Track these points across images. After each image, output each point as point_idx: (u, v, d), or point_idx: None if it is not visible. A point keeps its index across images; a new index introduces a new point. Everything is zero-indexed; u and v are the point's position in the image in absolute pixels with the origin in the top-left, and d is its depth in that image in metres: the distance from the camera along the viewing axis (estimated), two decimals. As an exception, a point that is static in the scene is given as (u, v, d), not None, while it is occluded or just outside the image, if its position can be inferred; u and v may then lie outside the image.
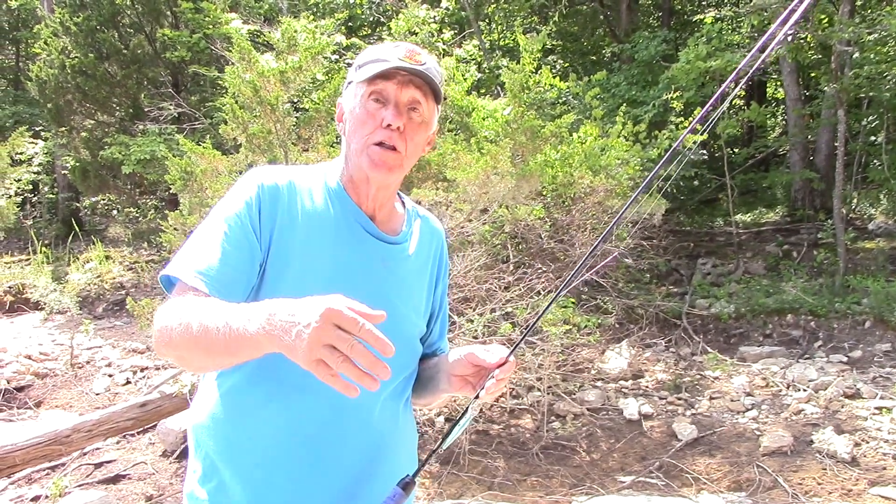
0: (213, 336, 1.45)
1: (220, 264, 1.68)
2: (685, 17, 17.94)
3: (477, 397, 1.81)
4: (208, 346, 1.48)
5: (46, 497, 5.55)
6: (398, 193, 2.05)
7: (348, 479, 1.81)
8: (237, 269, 1.70)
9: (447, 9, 15.32)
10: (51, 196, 20.39)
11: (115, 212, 19.58)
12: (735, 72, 1.86)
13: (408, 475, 1.66)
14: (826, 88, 11.94)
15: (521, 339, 2.02)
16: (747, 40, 12.46)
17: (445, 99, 8.13)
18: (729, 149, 14.20)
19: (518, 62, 7.98)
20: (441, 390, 2.00)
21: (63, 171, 17.65)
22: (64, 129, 15.13)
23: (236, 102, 7.15)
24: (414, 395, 2.06)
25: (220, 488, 1.79)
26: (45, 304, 11.71)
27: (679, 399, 7.48)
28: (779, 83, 17.84)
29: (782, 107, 17.23)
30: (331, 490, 1.79)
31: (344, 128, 1.89)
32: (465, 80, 8.78)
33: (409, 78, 1.78)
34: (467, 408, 1.80)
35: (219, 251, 1.69)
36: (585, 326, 6.86)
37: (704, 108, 1.83)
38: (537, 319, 2.14)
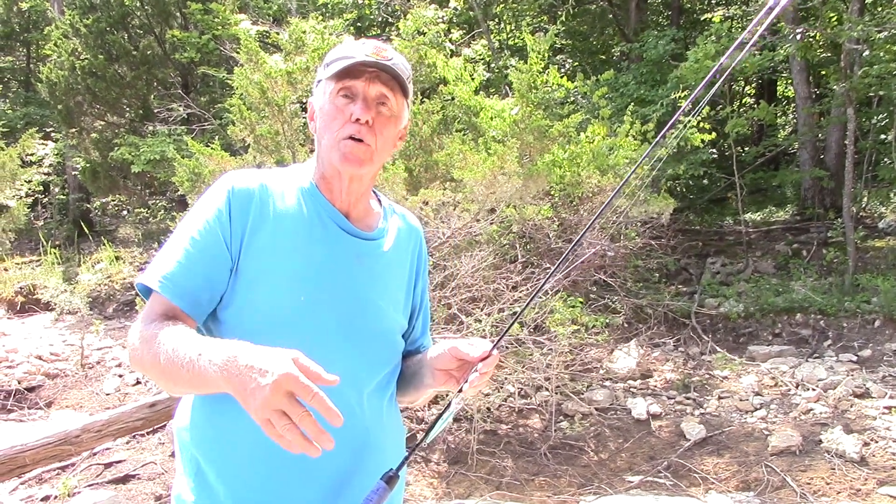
0: (177, 370, 1.52)
1: (185, 272, 1.72)
2: (694, 15, 17.89)
3: (461, 391, 1.81)
4: (174, 379, 1.56)
5: (56, 497, 5.59)
6: (374, 191, 2.06)
7: (334, 474, 1.81)
8: (202, 275, 1.74)
9: (455, 9, 15.34)
10: (61, 197, 20.47)
11: (125, 212, 19.64)
12: (711, 72, 1.86)
13: (391, 469, 1.67)
14: (836, 87, 11.89)
15: (504, 333, 2.03)
16: (759, 39, 12.39)
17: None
18: (739, 147, 14.15)
19: (526, 62, 7.99)
20: (425, 385, 2.00)
21: (74, 172, 17.71)
22: (74, 130, 15.20)
23: (244, 103, 7.17)
24: (399, 392, 2.07)
25: (205, 489, 1.80)
26: (55, 304, 11.75)
27: (688, 399, 7.48)
28: (789, 81, 17.78)
29: (793, 105, 17.17)
30: (316, 486, 1.80)
31: (315, 126, 1.91)
32: (472, 79, 8.79)
33: (377, 73, 1.81)
34: (450, 402, 1.80)
35: (185, 259, 1.73)
36: (593, 326, 6.86)
37: (680, 110, 1.84)
38: (521, 312, 2.14)
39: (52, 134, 19.21)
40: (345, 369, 1.82)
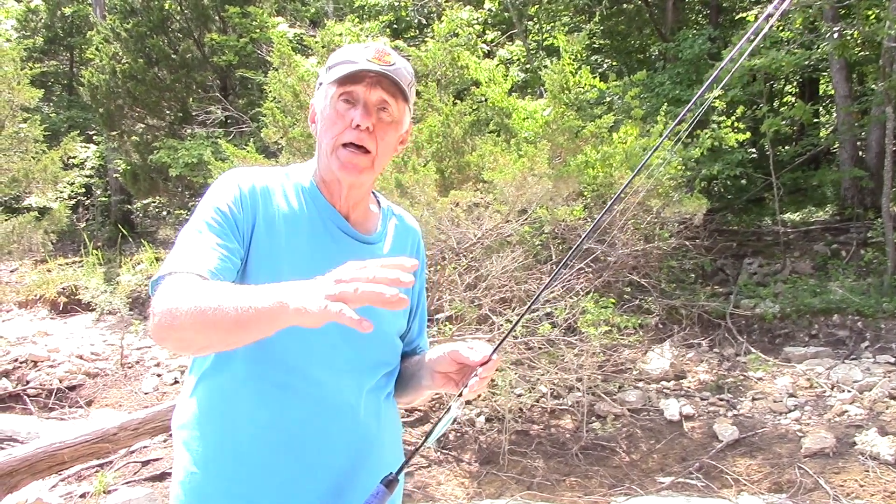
0: (226, 312, 1.44)
1: (216, 260, 1.67)
2: (733, 14, 17.70)
3: (460, 395, 1.80)
4: (219, 324, 1.46)
5: (93, 494, 5.70)
6: (373, 193, 2.07)
7: (334, 475, 1.82)
8: (228, 264, 1.71)
9: (490, 10, 15.34)
10: (103, 199, 20.75)
11: (165, 214, 19.86)
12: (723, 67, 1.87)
13: (391, 473, 1.68)
14: (874, 86, 11.74)
15: (504, 339, 2.04)
16: (798, 37, 12.24)
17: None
18: (779, 147, 13.97)
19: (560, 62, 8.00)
20: (424, 387, 2.00)
21: (115, 175, 17.96)
22: (115, 133, 15.42)
23: (277, 106, 7.25)
24: (396, 393, 2.07)
25: (204, 489, 1.80)
26: (96, 305, 11.95)
27: (721, 400, 7.44)
28: (830, 80, 17.55)
29: (835, 103, 16.96)
30: (316, 487, 1.80)
31: (316, 128, 1.92)
32: (505, 80, 8.81)
33: (378, 79, 1.80)
34: (450, 405, 1.80)
35: (209, 249, 1.69)
36: (626, 327, 6.85)
37: (687, 106, 1.85)
38: (520, 319, 2.15)
39: (94, 137, 19.50)
40: (344, 369, 1.85)
